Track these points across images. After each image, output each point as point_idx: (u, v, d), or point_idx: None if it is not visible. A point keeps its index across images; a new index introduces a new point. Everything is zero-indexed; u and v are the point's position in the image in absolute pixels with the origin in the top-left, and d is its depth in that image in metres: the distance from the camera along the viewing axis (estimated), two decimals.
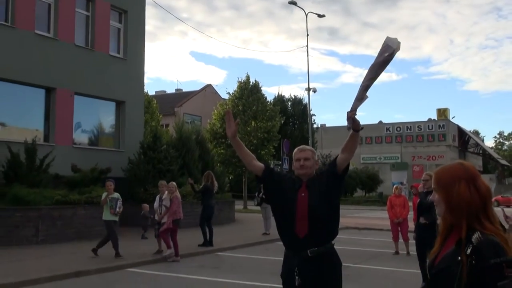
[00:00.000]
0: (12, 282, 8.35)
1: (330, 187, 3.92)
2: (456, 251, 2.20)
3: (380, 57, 3.38)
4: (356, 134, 3.75)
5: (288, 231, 3.89)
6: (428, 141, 52.78)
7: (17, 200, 13.15)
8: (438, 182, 2.32)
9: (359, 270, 10.12)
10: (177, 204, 11.51)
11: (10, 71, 15.52)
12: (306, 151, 4.08)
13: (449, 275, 2.17)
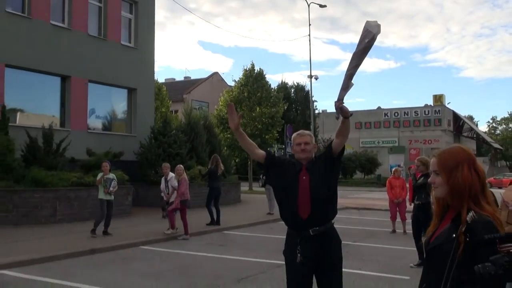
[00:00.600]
0: (33, 258, 8.44)
1: (328, 170, 3.93)
2: (451, 229, 2.22)
3: (361, 44, 3.27)
4: (347, 120, 3.74)
5: (291, 212, 3.90)
6: (425, 126, 52.57)
7: (35, 182, 13.23)
8: (442, 165, 2.30)
9: (358, 247, 10.16)
10: (185, 186, 11.54)
11: (27, 60, 15.54)
12: (305, 136, 4.09)
13: (444, 251, 2.19)
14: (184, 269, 8.06)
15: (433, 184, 2.36)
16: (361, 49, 3.29)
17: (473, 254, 2.11)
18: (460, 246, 2.13)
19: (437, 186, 2.33)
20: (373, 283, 7.10)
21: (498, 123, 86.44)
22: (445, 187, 2.28)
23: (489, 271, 1.89)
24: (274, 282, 7.01)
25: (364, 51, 3.31)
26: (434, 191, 2.38)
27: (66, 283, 7.00)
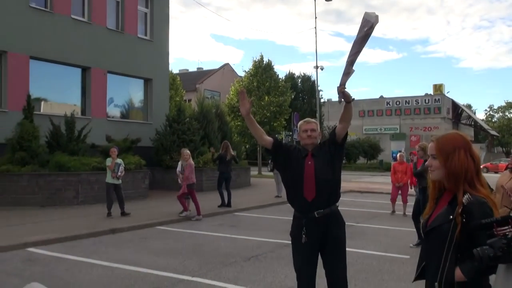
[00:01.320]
0: (57, 237, 8.54)
1: (332, 155, 3.92)
2: (448, 211, 2.22)
3: (361, 32, 3.28)
4: (349, 105, 3.74)
5: (297, 195, 3.91)
6: (425, 114, 52.17)
7: (59, 166, 13.32)
8: (440, 150, 2.29)
9: (361, 228, 10.17)
10: (190, 170, 11.46)
11: (50, 52, 15.59)
12: (311, 123, 4.08)
13: (442, 232, 2.20)
14: (198, 248, 8.10)
15: (430, 167, 2.35)
16: (361, 37, 3.30)
17: (470, 234, 2.12)
18: (458, 226, 2.14)
19: (434, 169, 2.32)
20: (375, 262, 7.11)
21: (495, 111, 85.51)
22: (442, 170, 2.28)
23: (488, 254, 1.90)
24: (281, 260, 7.05)
25: (364, 39, 3.32)
26: (431, 174, 2.36)
27: (89, 260, 7.07)
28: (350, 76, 3.44)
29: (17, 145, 13.22)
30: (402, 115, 53.01)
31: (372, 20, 3.20)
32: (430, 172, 2.36)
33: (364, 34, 3.26)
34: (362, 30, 3.25)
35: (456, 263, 2.15)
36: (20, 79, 14.72)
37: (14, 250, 7.68)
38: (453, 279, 2.13)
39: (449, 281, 2.14)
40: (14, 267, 6.67)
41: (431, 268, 2.26)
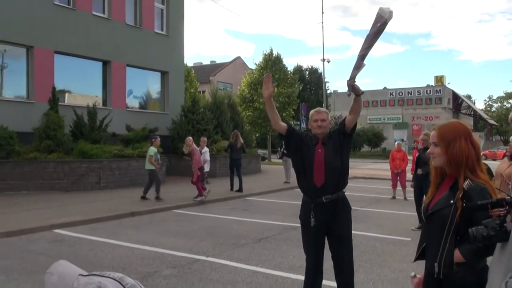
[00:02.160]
0: (81, 219, 8.62)
1: (341, 144, 3.90)
2: (449, 195, 2.21)
3: (374, 27, 3.15)
4: (358, 98, 3.69)
5: (307, 181, 3.89)
6: (426, 104, 51.62)
7: (82, 154, 13.41)
8: (442, 137, 2.27)
9: (365, 212, 10.15)
10: (197, 154, 11.53)
11: (73, 47, 15.63)
12: (322, 113, 4.04)
13: (443, 215, 2.18)
14: (212, 230, 8.13)
15: (432, 154, 2.32)
16: (374, 32, 3.18)
17: (469, 217, 2.11)
18: (458, 210, 2.13)
19: (435, 156, 2.29)
20: (378, 244, 7.10)
21: (494, 101, 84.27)
22: (443, 157, 2.25)
23: (482, 233, 1.89)
24: (289, 242, 7.07)
25: (376, 35, 3.20)
26: (432, 161, 2.33)
27: (110, 241, 7.15)
28: (360, 70, 3.37)
29: (43, 134, 13.32)
30: (405, 105, 52.52)
31: (386, 16, 3.07)
32: (432, 159, 2.33)
33: (377, 29, 3.15)
34: (376, 25, 3.12)
35: (456, 245, 2.14)
36: (46, 73, 14.80)
37: (42, 231, 7.77)
38: (452, 260, 2.13)
39: (448, 262, 2.14)
40: (42, 247, 6.76)
41: (432, 249, 2.25)
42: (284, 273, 5.46)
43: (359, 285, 4.87)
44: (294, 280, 5.16)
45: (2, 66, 14.28)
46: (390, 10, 3.09)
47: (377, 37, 3.22)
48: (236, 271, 5.54)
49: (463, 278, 2.13)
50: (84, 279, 1.06)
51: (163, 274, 5.42)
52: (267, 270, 5.59)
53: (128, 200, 11.32)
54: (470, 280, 2.13)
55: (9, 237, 7.34)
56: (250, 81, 31.14)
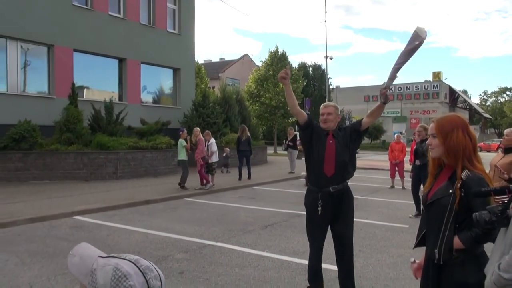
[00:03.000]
0: (100, 207, 8.68)
1: (351, 139, 3.92)
2: (448, 185, 2.20)
3: (410, 44, 3.17)
4: (383, 106, 3.77)
5: (318, 170, 3.89)
6: (424, 99, 51.14)
7: (100, 145, 13.47)
8: (440, 129, 2.25)
9: (366, 201, 10.14)
10: (202, 145, 11.57)
11: (91, 45, 15.65)
12: (329, 107, 4.00)
13: (442, 204, 2.18)
14: (221, 217, 8.16)
15: (430, 145, 2.30)
16: (410, 49, 3.19)
17: (467, 205, 2.11)
18: (456, 199, 2.13)
19: (433, 148, 2.28)
20: (378, 230, 7.09)
21: (489, 96, 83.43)
22: (441, 148, 2.24)
23: (484, 218, 1.91)
24: (294, 228, 7.08)
25: (412, 51, 3.22)
26: (431, 152, 2.32)
27: (126, 227, 7.20)
28: (393, 81, 3.45)
29: (64, 127, 13.39)
30: (403, 100, 52.06)
31: (423, 35, 3.10)
32: (430, 150, 2.31)
33: (413, 46, 3.16)
34: (413, 43, 3.14)
35: (455, 232, 2.14)
36: (66, 70, 14.84)
37: (63, 218, 7.85)
38: (451, 246, 2.13)
39: (448, 248, 2.14)
40: (63, 233, 6.83)
41: (432, 236, 2.24)
42: (289, 257, 5.48)
43: (359, 269, 4.88)
44: (298, 264, 5.18)
45: (25, 64, 14.34)
46: (426, 31, 3.13)
47: (412, 53, 3.24)
48: (243, 256, 5.56)
49: (462, 263, 2.14)
50: (103, 261, 1.07)
51: (176, 258, 5.46)
52: (273, 254, 5.61)
53: (143, 189, 11.37)
54: (469, 265, 2.13)
55: (33, 223, 7.42)
56: (257, 77, 31.04)
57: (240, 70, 46.96)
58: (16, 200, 9.32)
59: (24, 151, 12.66)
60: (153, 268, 1.08)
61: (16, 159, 12.64)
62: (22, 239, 6.41)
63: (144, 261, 1.08)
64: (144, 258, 1.10)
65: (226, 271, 4.92)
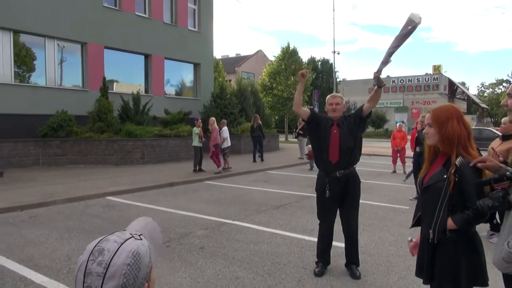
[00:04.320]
0: (129, 189, 8.78)
1: (355, 126, 3.86)
2: (443, 171, 2.17)
3: (404, 29, 3.01)
4: (379, 90, 3.63)
5: (324, 158, 3.88)
6: (424, 90, 50.12)
7: (128, 133, 13.57)
8: (436, 119, 2.21)
9: (369, 184, 10.07)
10: (215, 133, 11.60)
11: (119, 42, 15.71)
12: (336, 98, 3.98)
13: (437, 188, 2.16)
14: (237, 198, 8.19)
15: (426, 134, 2.27)
16: (403, 33, 3.04)
17: (460, 190, 2.09)
18: (451, 184, 2.10)
19: (429, 136, 2.24)
20: (380, 211, 7.06)
21: (486, 87, 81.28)
22: (436, 136, 2.20)
23: (487, 204, 1.94)
24: (303, 209, 7.09)
25: (405, 36, 3.07)
26: (427, 140, 2.28)
27: (153, 207, 7.29)
28: (387, 65, 3.28)
29: (96, 117, 13.54)
30: (405, 91, 51.16)
31: (417, 20, 2.94)
32: (426, 138, 2.28)
33: (407, 31, 3.01)
34: (406, 27, 2.99)
35: (448, 214, 2.13)
36: (97, 65, 14.95)
37: (97, 198, 7.98)
38: (445, 227, 2.12)
39: (442, 229, 2.12)
40: (97, 211, 6.95)
41: (427, 218, 2.23)
42: (299, 235, 5.49)
43: (363, 246, 4.87)
44: (307, 241, 5.19)
45: (61, 60, 14.48)
46: (420, 16, 2.97)
47: (406, 38, 3.09)
48: (258, 233, 5.59)
49: (454, 242, 2.13)
50: None
51: (197, 234, 5.52)
52: (284, 232, 5.63)
53: (167, 172, 11.45)
54: (461, 244, 2.13)
55: (71, 202, 7.57)
56: (270, 71, 30.84)
57: (255, 64, 46.70)
58: (56, 182, 9.51)
59: (62, 138, 12.86)
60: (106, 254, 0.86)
61: (55, 146, 12.87)
62: (61, 216, 6.55)
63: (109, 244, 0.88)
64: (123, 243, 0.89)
65: (242, 247, 4.96)
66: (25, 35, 13.27)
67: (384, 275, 4.07)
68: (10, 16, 12.56)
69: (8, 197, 7.60)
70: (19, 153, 12.35)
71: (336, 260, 4.35)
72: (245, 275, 4.02)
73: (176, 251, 4.78)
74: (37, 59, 13.80)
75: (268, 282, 3.85)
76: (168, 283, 3.83)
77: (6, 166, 11.55)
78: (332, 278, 3.97)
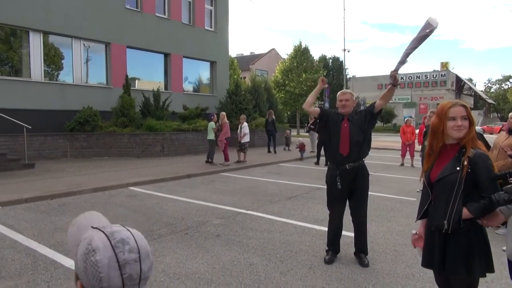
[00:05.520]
0: (150, 179, 8.85)
1: (366, 121, 3.83)
2: (455, 162, 2.14)
3: (422, 32, 2.97)
4: (393, 88, 3.58)
5: (334, 151, 3.86)
6: (432, 86, 49.18)
7: (149, 128, 13.65)
8: (469, 113, 2.19)
9: (378, 176, 9.96)
10: (227, 127, 11.64)
11: (140, 42, 15.80)
12: (346, 94, 3.94)
13: (451, 180, 2.12)
14: (251, 189, 8.20)
15: (458, 127, 2.13)
16: (421, 36, 2.99)
17: (473, 180, 2.07)
18: (464, 175, 2.08)
19: (463, 129, 2.13)
20: (388, 202, 6.98)
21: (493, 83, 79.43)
22: (468, 129, 2.14)
23: (503, 198, 1.95)
24: (314, 200, 7.07)
25: (422, 38, 3.01)
26: (458, 132, 2.13)
27: (172, 197, 7.34)
28: (403, 65, 3.23)
29: (119, 112, 13.68)
30: (413, 87, 50.28)
31: (434, 24, 2.89)
32: (457, 130, 2.14)
33: (424, 34, 2.96)
34: (424, 30, 2.94)
35: (462, 204, 2.10)
36: (120, 63, 15.08)
37: (120, 188, 8.08)
38: (460, 217, 2.09)
39: (457, 219, 2.10)
40: (120, 200, 7.04)
41: (440, 210, 2.18)
42: (310, 224, 5.48)
43: (371, 236, 4.83)
44: (318, 230, 5.18)
45: (87, 59, 14.66)
46: (437, 21, 2.92)
47: (423, 40, 3.03)
48: (271, 222, 5.60)
49: (467, 231, 2.11)
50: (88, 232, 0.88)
51: (213, 223, 5.55)
52: (296, 221, 5.62)
53: (185, 165, 11.52)
54: (473, 233, 2.12)
55: (96, 192, 7.69)
56: (283, 68, 30.68)
57: (268, 62, 46.52)
58: (82, 173, 9.67)
59: (88, 132, 13.05)
60: (130, 241, 0.87)
61: (81, 139, 13.07)
62: (87, 205, 6.66)
63: (123, 232, 0.88)
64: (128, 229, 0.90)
65: (256, 235, 4.97)
66: (53, 36, 13.46)
67: (391, 263, 4.03)
68: (41, 18, 12.75)
69: (40, 186, 7.77)
70: (49, 146, 12.59)
71: (345, 248, 4.33)
72: (258, 262, 4.03)
73: (194, 238, 4.82)
74: (64, 58, 13.99)
75: (280, 269, 3.85)
76: (186, 268, 3.87)
77: (37, 158, 11.80)
78: (341, 265, 3.95)
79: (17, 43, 12.78)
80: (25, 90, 12.50)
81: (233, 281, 3.56)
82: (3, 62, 12.47)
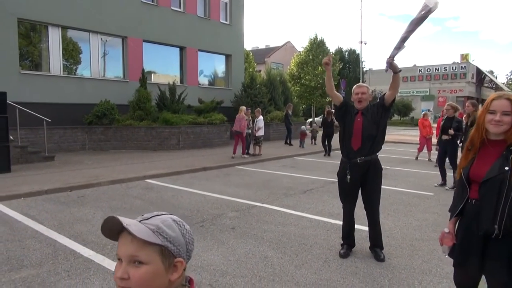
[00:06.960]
0: (166, 172, 8.93)
1: (379, 115, 3.76)
2: (503, 163, 2.00)
3: (418, 14, 2.83)
4: (396, 76, 3.48)
5: (347, 144, 3.83)
6: (451, 79, 47.99)
7: (165, 121, 13.77)
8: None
9: (394, 171, 9.83)
10: (244, 121, 11.66)
11: (156, 36, 15.89)
12: (362, 87, 3.88)
13: (499, 180, 1.99)
14: (266, 182, 8.21)
15: (496, 122, 2.01)
16: (417, 18, 2.85)
17: None
18: None
19: (503, 124, 2.00)
20: (405, 197, 6.89)
21: None
22: (508, 126, 2.00)
23: None
24: (329, 193, 7.03)
25: (420, 21, 2.86)
26: (495, 127, 2.01)
27: (188, 189, 7.40)
28: (400, 51, 3.08)
29: (136, 106, 13.84)
30: (432, 80, 49.21)
31: (431, 5, 2.74)
32: (499, 126, 2.01)
33: (421, 16, 2.81)
34: (420, 12, 2.80)
35: None
36: (136, 57, 15.22)
37: (137, 180, 8.19)
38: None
39: (509, 223, 1.95)
40: (137, 193, 7.14)
41: (487, 213, 2.02)
42: (325, 218, 5.46)
43: (387, 230, 4.78)
44: (333, 224, 5.15)
45: (104, 53, 14.85)
46: (436, 1, 2.73)
47: (420, 23, 2.88)
48: (286, 215, 5.60)
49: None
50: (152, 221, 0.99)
51: (229, 216, 5.58)
52: (311, 215, 5.60)
53: (201, 158, 11.58)
54: None
55: (113, 184, 7.82)
56: (298, 61, 30.43)
57: (283, 55, 46.20)
58: (100, 165, 9.84)
59: (105, 125, 13.26)
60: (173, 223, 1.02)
61: (99, 132, 13.30)
62: (105, 197, 6.79)
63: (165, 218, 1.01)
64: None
65: (271, 228, 4.98)
66: (72, 31, 13.67)
67: (408, 258, 3.99)
68: (59, 13, 12.96)
69: (59, 178, 7.95)
70: (68, 139, 12.86)
71: (361, 243, 4.30)
72: (273, 255, 4.05)
73: (210, 231, 4.86)
74: (82, 53, 14.19)
75: (295, 262, 3.86)
76: (202, 260, 3.92)
77: (56, 151, 12.07)
78: (356, 259, 3.93)
79: (37, 38, 13.03)
80: (45, 84, 12.76)
81: (248, 273, 3.58)
82: (24, 57, 12.75)
